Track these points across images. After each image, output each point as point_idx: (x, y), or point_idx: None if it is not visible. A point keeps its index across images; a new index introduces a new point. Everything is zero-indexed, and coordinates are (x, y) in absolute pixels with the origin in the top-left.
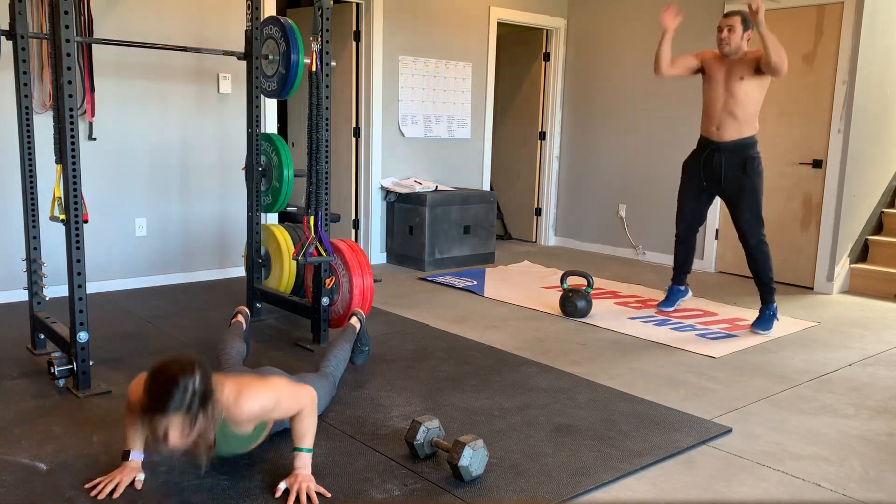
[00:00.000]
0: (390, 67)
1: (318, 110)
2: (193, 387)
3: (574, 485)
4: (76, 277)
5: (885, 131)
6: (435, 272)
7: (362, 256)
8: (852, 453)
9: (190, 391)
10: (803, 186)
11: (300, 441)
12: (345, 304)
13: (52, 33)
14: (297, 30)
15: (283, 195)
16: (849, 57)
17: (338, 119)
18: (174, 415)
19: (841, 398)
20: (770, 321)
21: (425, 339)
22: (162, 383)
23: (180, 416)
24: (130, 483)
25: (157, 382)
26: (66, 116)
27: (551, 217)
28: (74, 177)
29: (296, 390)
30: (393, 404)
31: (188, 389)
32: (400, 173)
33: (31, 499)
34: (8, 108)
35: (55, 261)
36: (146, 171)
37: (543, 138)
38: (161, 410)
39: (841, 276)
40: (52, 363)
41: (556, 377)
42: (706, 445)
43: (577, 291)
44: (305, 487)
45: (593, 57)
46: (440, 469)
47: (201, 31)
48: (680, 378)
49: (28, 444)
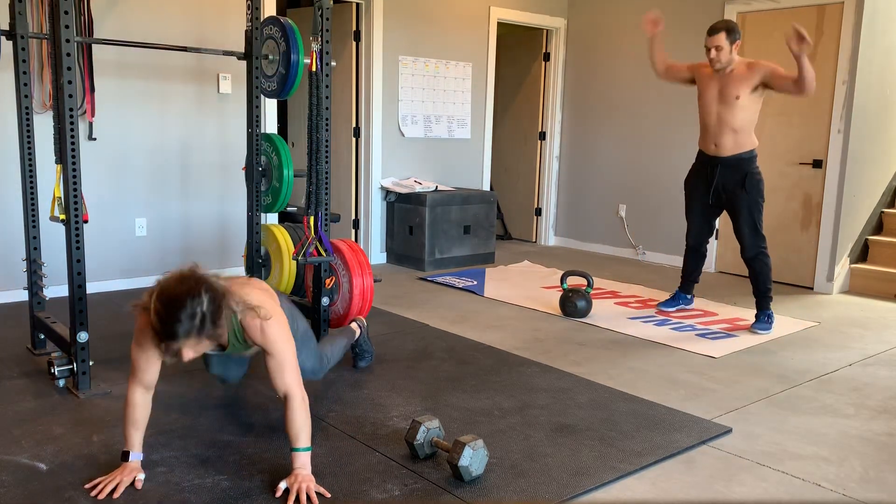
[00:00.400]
0: (390, 67)
1: (318, 110)
2: (202, 310)
3: (574, 485)
4: (76, 277)
5: (885, 131)
6: (435, 272)
7: (362, 256)
8: (852, 453)
9: (199, 314)
10: (803, 186)
11: (296, 440)
12: (345, 304)
13: (52, 33)
14: (297, 30)
15: (283, 195)
16: (849, 57)
17: (338, 119)
18: (185, 338)
19: (841, 398)
20: (769, 322)
21: (425, 339)
22: (170, 309)
23: (192, 338)
24: (131, 483)
25: (166, 308)
26: (66, 116)
27: (551, 217)
28: (74, 177)
29: (297, 375)
30: (393, 404)
31: (197, 313)
32: (400, 173)
33: (31, 499)
34: (8, 108)
35: (55, 261)
36: (146, 171)
37: (543, 138)
38: (172, 337)
39: (841, 276)
40: (52, 363)
41: (556, 377)
42: (706, 445)
43: (577, 291)
44: (305, 487)
45: (593, 57)
46: (440, 469)
47: (201, 31)
48: (680, 378)
49: (28, 444)
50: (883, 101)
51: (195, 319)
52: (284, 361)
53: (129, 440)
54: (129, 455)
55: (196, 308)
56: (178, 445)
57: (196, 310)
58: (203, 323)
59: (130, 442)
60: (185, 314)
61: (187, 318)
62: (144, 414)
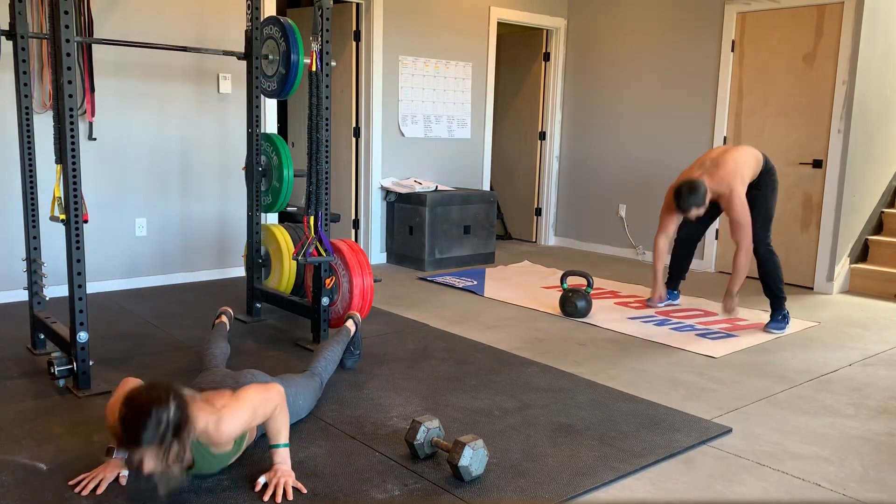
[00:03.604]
0: (390, 67)
1: (318, 110)
2: (167, 418)
3: (574, 485)
4: (76, 277)
5: (885, 131)
6: (435, 272)
7: (362, 256)
8: (852, 453)
9: (164, 423)
10: (803, 186)
11: (276, 437)
12: (345, 304)
13: (52, 33)
14: (297, 30)
15: (283, 195)
16: (849, 57)
17: (338, 119)
18: (148, 447)
19: (841, 398)
20: (783, 322)
21: (425, 339)
22: (135, 416)
23: (154, 448)
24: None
25: (131, 415)
26: (66, 116)
27: (551, 217)
28: (74, 177)
29: (267, 394)
30: (393, 404)
31: (162, 422)
32: (400, 173)
33: (31, 499)
34: (8, 108)
35: (55, 261)
36: (146, 171)
37: (543, 138)
38: (135, 443)
39: (841, 276)
40: (52, 363)
41: (556, 377)
42: (706, 445)
43: (577, 291)
44: (283, 482)
45: (593, 57)
46: (440, 469)
47: (201, 31)
48: (680, 378)
49: (28, 444)
50: (883, 101)
51: (159, 431)
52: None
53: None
54: (114, 452)
55: (159, 422)
56: None
57: (160, 423)
58: (166, 432)
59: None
60: (147, 424)
61: (150, 427)
62: None
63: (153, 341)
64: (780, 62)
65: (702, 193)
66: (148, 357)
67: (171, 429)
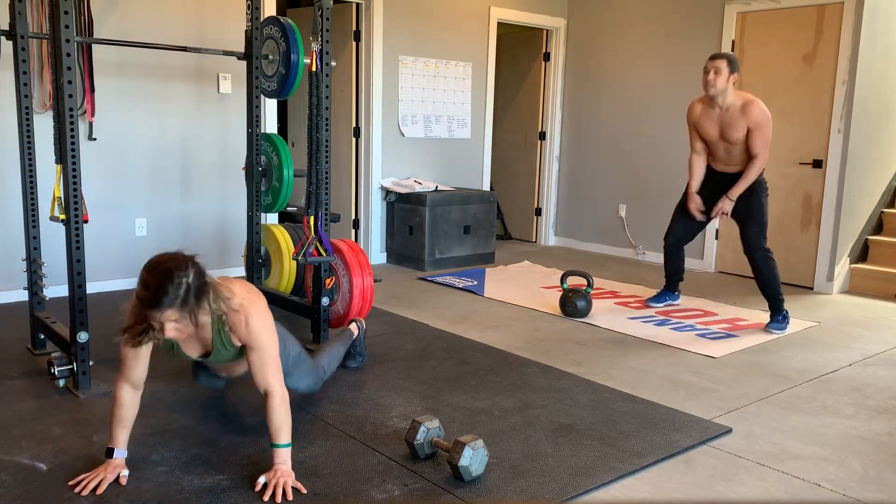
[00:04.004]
0: (390, 67)
1: (318, 110)
2: (188, 282)
3: (574, 485)
4: (76, 277)
5: (885, 131)
6: (435, 272)
7: (362, 256)
8: (852, 453)
9: (185, 286)
10: (803, 186)
11: (277, 436)
12: (345, 304)
13: (52, 33)
14: (297, 30)
15: (283, 195)
16: (849, 57)
17: (338, 119)
18: (169, 308)
19: (841, 398)
20: (784, 322)
21: (425, 339)
22: (157, 277)
23: (176, 310)
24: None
25: (153, 277)
26: (66, 116)
27: (551, 217)
28: (74, 177)
29: (278, 372)
30: (393, 404)
31: (182, 284)
32: (400, 173)
33: (31, 499)
34: (8, 108)
35: (55, 261)
36: (146, 171)
37: (543, 138)
38: (157, 304)
39: (841, 276)
40: (52, 363)
41: (556, 377)
42: (706, 445)
43: (577, 291)
44: (283, 482)
45: (593, 57)
46: (440, 469)
47: (201, 31)
48: (680, 378)
49: (28, 444)
50: (883, 101)
51: (180, 292)
52: (267, 357)
53: (114, 437)
54: (114, 452)
55: (182, 279)
56: (178, 445)
57: (181, 285)
58: (187, 297)
59: (115, 439)
60: (170, 285)
61: (173, 288)
62: (132, 413)
63: None
64: (780, 62)
65: (736, 64)
66: None
67: (192, 292)
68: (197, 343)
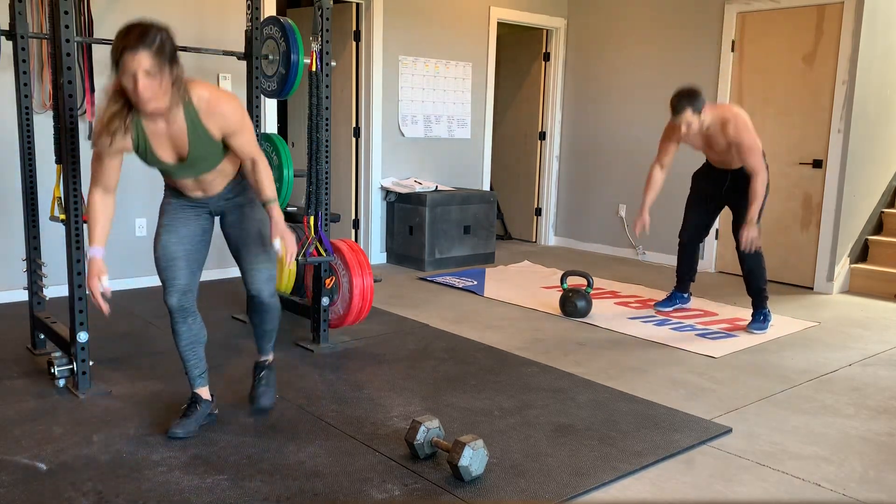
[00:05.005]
0: (390, 67)
1: (318, 110)
2: (163, 36)
3: (574, 485)
4: (76, 277)
5: (885, 131)
6: (435, 272)
7: (362, 256)
8: (852, 453)
9: (160, 37)
10: (803, 186)
11: (269, 191)
12: (345, 304)
13: (52, 33)
14: (297, 30)
15: (283, 195)
16: (849, 57)
17: (338, 119)
18: (145, 51)
19: (841, 398)
20: (765, 322)
21: (425, 339)
22: (136, 27)
23: (151, 55)
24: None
25: (132, 27)
26: (66, 116)
27: (551, 217)
28: (74, 177)
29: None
30: (393, 404)
31: (158, 35)
32: (400, 173)
33: (31, 499)
34: (8, 108)
35: (55, 261)
36: (146, 171)
37: (543, 138)
38: (133, 47)
39: (841, 276)
40: (52, 363)
41: (556, 377)
42: (706, 445)
43: (577, 291)
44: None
45: (593, 57)
46: (440, 469)
47: (201, 31)
48: (680, 378)
49: (28, 444)
50: (883, 101)
51: (157, 39)
52: (248, 133)
53: (90, 236)
54: (91, 250)
55: (157, 35)
56: (178, 445)
57: (158, 35)
58: (163, 47)
59: (91, 236)
60: (148, 33)
61: (151, 35)
62: (105, 212)
63: (153, 341)
64: (780, 62)
65: (700, 100)
66: (148, 357)
67: (167, 44)
68: (169, 144)
